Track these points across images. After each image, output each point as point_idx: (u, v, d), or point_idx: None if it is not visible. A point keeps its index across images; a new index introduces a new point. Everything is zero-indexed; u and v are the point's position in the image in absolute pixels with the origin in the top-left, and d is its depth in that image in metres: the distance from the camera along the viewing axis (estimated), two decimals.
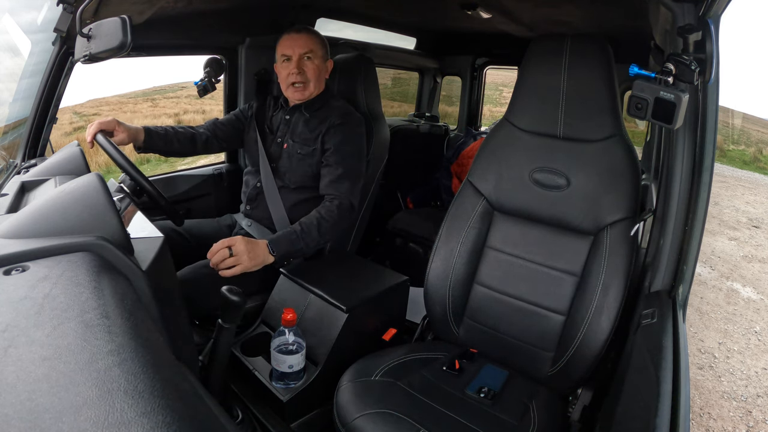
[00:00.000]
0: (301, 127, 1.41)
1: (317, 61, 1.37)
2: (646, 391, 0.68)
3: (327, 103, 1.43)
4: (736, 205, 5.95)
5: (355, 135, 1.39)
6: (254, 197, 1.45)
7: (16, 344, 0.35)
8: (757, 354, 2.54)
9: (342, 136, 1.36)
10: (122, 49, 0.86)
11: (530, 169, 1.18)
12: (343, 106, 1.43)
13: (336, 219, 1.28)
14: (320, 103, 1.42)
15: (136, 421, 0.29)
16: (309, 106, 1.42)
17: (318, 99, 1.43)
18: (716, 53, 0.78)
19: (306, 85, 1.37)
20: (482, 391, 1.01)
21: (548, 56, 1.16)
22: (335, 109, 1.40)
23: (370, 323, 1.24)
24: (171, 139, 1.41)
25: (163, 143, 1.39)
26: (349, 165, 1.35)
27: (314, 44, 1.36)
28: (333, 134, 1.36)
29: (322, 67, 1.40)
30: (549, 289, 1.13)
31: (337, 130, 1.36)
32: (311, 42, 1.36)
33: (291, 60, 1.35)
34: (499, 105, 6.79)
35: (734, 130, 11.24)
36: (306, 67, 1.36)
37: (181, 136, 1.44)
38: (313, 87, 1.39)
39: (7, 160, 1.32)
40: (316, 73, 1.38)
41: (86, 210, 0.56)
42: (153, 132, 1.36)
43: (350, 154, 1.36)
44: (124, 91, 9.07)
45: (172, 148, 1.41)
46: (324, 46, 1.40)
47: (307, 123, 1.40)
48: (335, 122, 1.36)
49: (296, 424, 1.10)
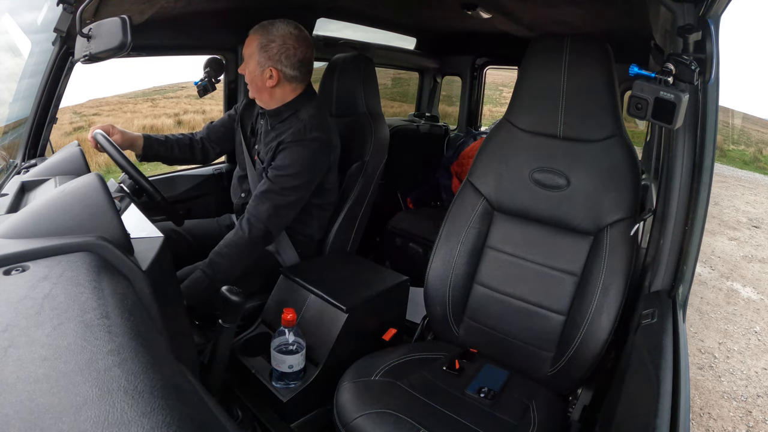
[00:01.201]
0: (264, 139, 1.33)
1: (249, 67, 1.25)
2: (646, 391, 0.68)
3: (295, 115, 1.28)
4: (736, 205, 5.95)
5: (301, 157, 1.22)
6: (240, 208, 1.42)
7: (16, 344, 0.35)
8: (757, 354, 2.54)
9: (285, 154, 1.22)
10: (122, 49, 0.86)
11: (530, 169, 1.18)
12: (305, 121, 1.25)
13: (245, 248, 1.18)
14: (287, 114, 1.29)
15: (136, 421, 0.29)
16: (274, 115, 1.31)
17: (284, 110, 1.30)
18: (716, 53, 0.78)
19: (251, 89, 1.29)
20: (482, 391, 1.01)
21: (548, 56, 1.16)
22: (297, 124, 1.25)
23: (370, 323, 1.24)
24: (172, 146, 1.40)
25: (165, 149, 1.38)
26: (280, 185, 1.20)
27: (248, 48, 1.24)
28: (280, 151, 1.24)
29: (256, 75, 1.25)
30: (549, 289, 1.13)
31: (284, 148, 1.23)
32: (247, 45, 1.25)
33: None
34: (499, 105, 6.79)
35: (734, 130, 11.24)
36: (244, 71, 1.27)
37: (181, 143, 1.42)
38: (252, 92, 1.29)
39: (7, 160, 1.32)
40: (249, 79, 1.26)
41: (86, 210, 0.56)
42: (153, 139, 1.36)
43: (287, 175, 1.21)
44: (124, 91, 9.06)
45: (173, 154, 1.40)
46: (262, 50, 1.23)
47: (267, 136, 1.31)
48: (286, 140, 1.24)
49: (296, 424, 1.10)
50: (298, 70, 1.27)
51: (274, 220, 1.21)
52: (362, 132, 1.55)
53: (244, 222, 1.20)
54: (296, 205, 1.26)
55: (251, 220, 1.20)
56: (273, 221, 1.21)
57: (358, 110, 1.58)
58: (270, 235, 1.22)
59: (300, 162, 1.22)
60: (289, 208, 1.24)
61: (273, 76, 1.25)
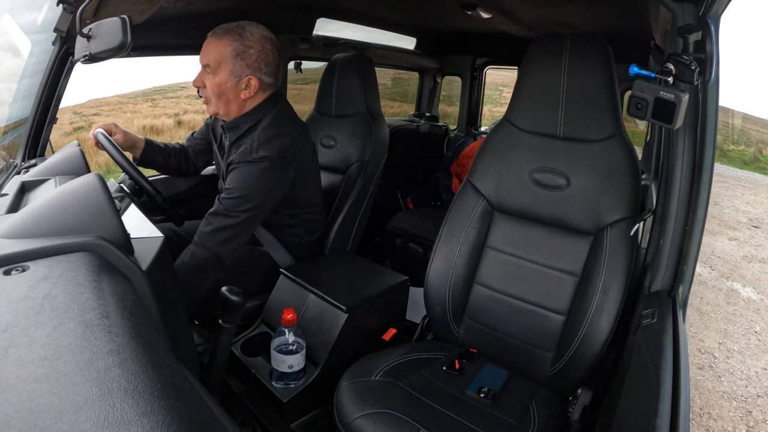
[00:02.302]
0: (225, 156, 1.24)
1: (218, 77, 1.12)
2: (646, 391, 0.68)
3: (255, 127, 1.18)
4: (736, 205, 5.95)
5: (248, 178, 1.11)
6: None
7: (16, 344, 0.35)
8: (757, 354, 2.54)
9: (233, 175, 1.13)
10: (122, 49, 0.86)
11: (530, 169, 1.18)
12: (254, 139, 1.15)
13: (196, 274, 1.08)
14: (247, 125, 1.19)
15: (136, 421, 0.29)
16: (233, 128, 1.21)
17: (243, 120, 1.19)
18: (716, 53, 0.78)
19: (209, 102, 1.16)
20: (482, 391, 1.01)
21: (548, 56, 1.16)
22: (247, 143, 1.15)
23: (370, 323, 1.24)
24: (169, 155, 1.39)
25: (162, 157, 1.37)
26: (226, 206, 1.11)
27: (215, 56, 1.11)
28: (230, 171, 1.14)
29: (228, 86, 1.13)
30: (549, 289, 1.13)
31: (233, 169, 1.14)
32: (212, 52, 1.11)
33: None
34: (499, 105, 6.79)
35: (734, 130, 11.25)
36: (206, 81, 1.14)
37: (178, 154, 1.41)
38: (215, 106, 1.16)
39: (7, 160, 1.32)
40: (216, 91, 1.13)
41: (86, 210, 0.56)
42: (154, 145, 1.35)
43: (235, 197, 1.11)
44: (124, 91, 9.07)
45: (168, 163, 1.38)
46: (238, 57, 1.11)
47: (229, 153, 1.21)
48: (234, 160, 1.14)
49: (296, 424, 1.10)
50: (275, 77, 1.19)
51: (222, 245, 1.10)
52: (362, 132, 1.55)
53: (191, 245, 1.11)
54: (247, 228, 1.15)
55: (197, 243, 1.10)
56: (220, 246, 1.10)
57: (357, 110, 1.58)
58: (219, 260, 1.11)
59: (247, 183, 1.11)
60: (238, 232, 1.12)
61: (250, 86, 1.15)
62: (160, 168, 1.40)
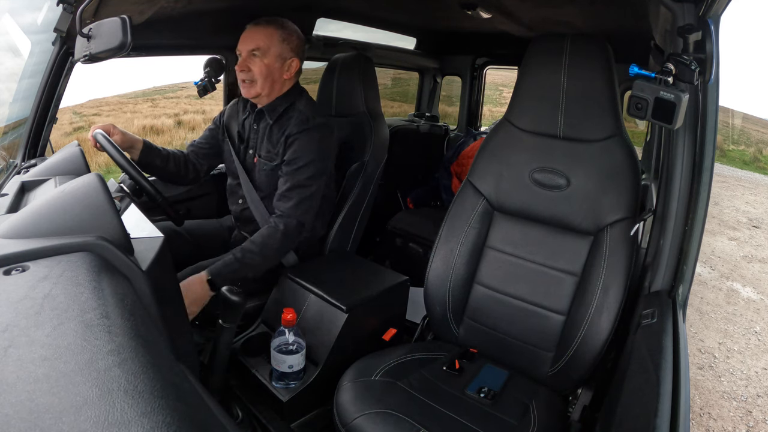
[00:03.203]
0: (266, 139, 1.33)
1: (267, 59, 1.25)
2: (646, 391, 0.68)
3: (293, 106, 1.32)
4: (736, 205, 5.95)
5: (311, 146, 1.26)
6: (239, 215, 1.41)
7: (16, 344, 0.35)
8: (757, 354, 2.54)
9: (296, 147, 1.26)
10: (122, 49, 0.86)
11: (530, 169, 1.18)
12: (304, 111, 1.30)
13: (280, 240, 1.22)
14: (284, 107, 1.31)
15: (136, 421, 0.29)
16: (271, 110, 1.32)
17: (281, 101, 1.31)
18: (716, 53, 0.78)
19: (253, 84, 1.27)
20: (482, 391, 1.01)
21: (548, 56, 1.16)
22: (295, 117, 1.29)
23: (370, 323, 1.24)
24: (168, 158, 1.37)
25: (160, 160, 1.35)
26: (300, 181, 1.25)
27: (265, 41, 1.25)
28: (290, 145, 1.27)
29: (276, 67, 1.27)
30: (549, 289, 1.13)
31: (293, 140, 1.26)
32: (261, 39, 1.25)
33: (241, 56, 1.27)
34: (499, 105, 6.79)
35: (734, 130, 11.24)
36: (252, 65, 1.25)
37: (177, 158, 1.40)
38: (260, 87, 1.27)
39: (7, 160, 1.32)
40: (264, 72, 1.26)
41: (86, 210, 0.56)
42: (152, 147, 1.34)
43: (303, 167, 1.25)
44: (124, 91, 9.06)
45: (167, 166, 1.37)
46: (283, 42, 1.27)
47: (271, 135, 1.32)
48: (292, 132, 1.27)
49: (296, 424, 1.10)
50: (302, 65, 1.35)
51: (305, 214, 1.26)
52: (362, 132, 1.55)
53: (275, 218, 1.25)
54: (318, 193, 1.30)
55: (284, 215, 1.24)
56: (304, 215, 1.26)
57: (358, 110, 1.57)
58: (301, 226, 1.27)
59: (310, 151, 1.26)
60: (314, 198, 1.29)
61: (291, 68, 1.30)
62: (158, 171, 1.37)
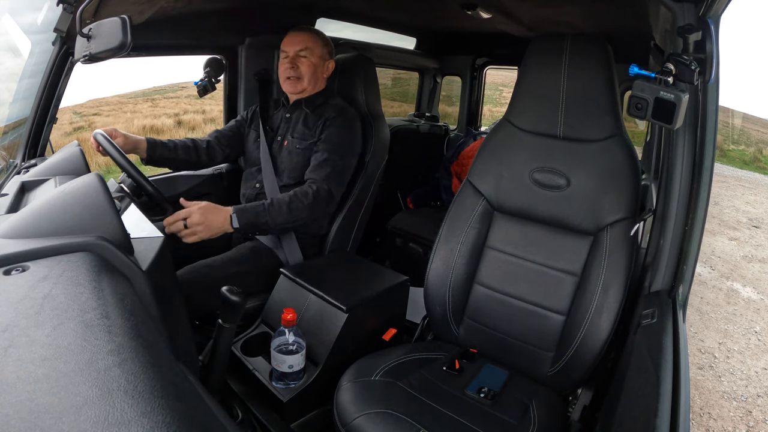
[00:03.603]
0: (301, 123, 1.45)
1: (313, 59, 1.42)
2: (646, 391, 0.68)
3: (327, 101, 1.47)
4: (736, 205, 5.95)
5: (347, 129, 1.42)
6: (253, 198, 1.46)
7: (16, 344, 0.35)
8: (757, 354, 2.54)
9: (334, 128, 1.39)
10: (122, 49, 0.86)
11: (530, 169, 1.18)
12: (341, 104, 1.47)
13: (310, 201, 1.28)
14: (320, 101, 1.47)
15: (136, 421, 0.29)
16: (309, 102, 1.46)
17: (318, 96, 1.47)
18: (716, 53, 0.78)
19: (300, 80, 1.42)
20: (482, 391, 1.01)
21: (548, 56, 1.16)
22: (333, 106, 1.45)
23: (370, 323, 1.24)
24: (175, 148, 1.43)
25: (168, 151, 1.41)
26: (335, 154, 1.37)
27: (311, 43, 1.41)
28: (327, 126, 1.40)
29: (320, 66, 1.45)
30: (549, 289, 1.13)
31: (332, 122, 1.40)
32: (308, 41, 1.41)
33: (288, 56, 1.41)
34: (499, 105, 6.78)
35: (734, 130, 11.24)
36: (300, 64, 1.41)
37: (184, 145, 1.47)
38: (306, 82, 1.43)
39: (7, 160, 1.32)
40: (311, 70, 1.42)
41: (86, 210, 0.56)
42: (157, 142, 1.39)
43: (338, 144, 1.38)
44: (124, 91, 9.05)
45: (177, 156, 1.43)
46: (324, 46, 1.45)
47: (307, 120, 1.44)
48: (331, 115, 1.41)
49: (296, 424, 1.10)
50: None
51: (334, 182, 1.35)
52: (362, 132, 1.55)
53: (308, 184, 1.32)
54: (349, 170, 1.42)
55: (316, 182, 1.32)
56: (333, 183, 1.35)
57: (358, 110, 1.57)
58: (331, 195, 1.34)
59: (348, 132, 1.41)
60: (345, 172, 1.40)
61: (328, 68, 1.49)
62: (169, 163, 1.44)
